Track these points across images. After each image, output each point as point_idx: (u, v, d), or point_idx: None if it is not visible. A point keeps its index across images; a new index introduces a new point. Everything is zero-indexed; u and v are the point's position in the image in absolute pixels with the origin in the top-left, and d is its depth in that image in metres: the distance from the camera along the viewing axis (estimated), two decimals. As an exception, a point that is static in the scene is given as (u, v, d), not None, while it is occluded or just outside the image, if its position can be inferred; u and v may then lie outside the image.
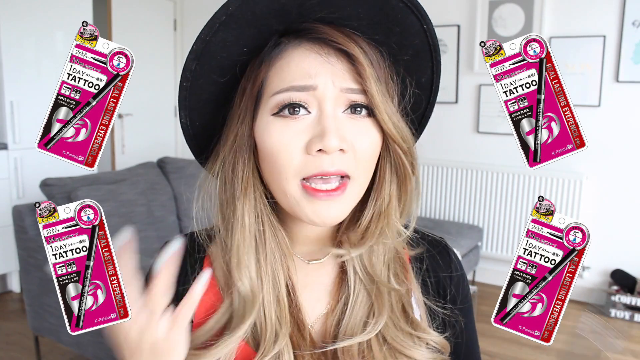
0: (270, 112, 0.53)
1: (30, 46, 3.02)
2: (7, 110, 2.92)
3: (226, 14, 0.51)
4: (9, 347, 2.45)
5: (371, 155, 0.54)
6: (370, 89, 0.52)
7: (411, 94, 0.60)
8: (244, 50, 0.55)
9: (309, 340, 0.58)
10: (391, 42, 0.56)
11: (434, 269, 0.64)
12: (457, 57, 3.28)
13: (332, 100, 0.52)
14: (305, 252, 0.61)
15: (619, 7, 2.82)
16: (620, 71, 2.84)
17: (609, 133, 2.92)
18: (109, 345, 0.54)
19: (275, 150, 0.52)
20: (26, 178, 3.01)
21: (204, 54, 0.53)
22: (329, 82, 0.52)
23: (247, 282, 0.56)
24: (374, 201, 0.57)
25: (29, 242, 2.06)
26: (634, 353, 2.50)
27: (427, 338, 0.58)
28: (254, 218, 0.56)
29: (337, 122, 0.52)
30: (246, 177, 0.56)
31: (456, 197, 3.36)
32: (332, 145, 0.50)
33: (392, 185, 0.57)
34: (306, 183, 0.52)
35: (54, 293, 0.50)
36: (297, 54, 0.53)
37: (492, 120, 3.23)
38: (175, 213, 2.52)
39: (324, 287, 0.61)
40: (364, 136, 0.53)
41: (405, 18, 0.54)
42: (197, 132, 0.60)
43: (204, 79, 0.55)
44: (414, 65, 0.59)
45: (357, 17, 0.53)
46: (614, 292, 2.87)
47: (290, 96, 0.52)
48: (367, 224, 0.57)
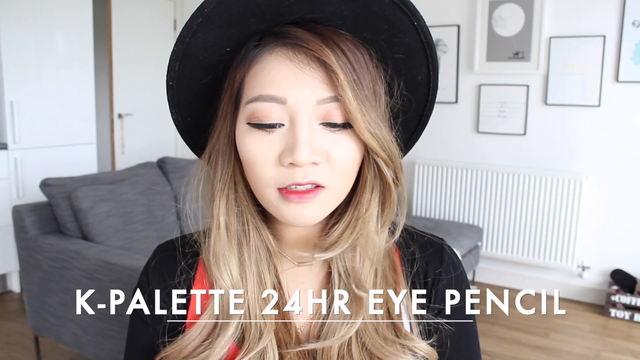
0: (245, 119, 0.53)
1: (31, 46, 3.02)
2: (7, 110, 2.92)
3: (202, 16, 0.50)
4: (9, 347, 2.45)
5: (348, 167, 0.53)
6: (344, 97, 0.50)
7: (403, 94, 0.58)
8: (226, 49, 0.54)
9: (294, 339, 0.58)
10: (380, 39, 0.54)
11: (425, 271, 0.63)
12: (457, 57, 3.28)
13: (305, 114, 0.51)
14: (295, 254, 0.61)
15: (619, 7, 2.82)
16: (620, 71, 2.84)
17: (609, 133, 2.92)
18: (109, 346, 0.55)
19: (251, 160, 0.52)
20: (26, 178, 3.01)
21: (186, 55, 0.53)
22: (301, 95, 0.50)
23: (228, 280, 0.56)
24: (354, 207, 0.57)
25: (29, 242, 2.06)
26: (634, 353, 2.50)
27: (411, 345, 0.57)
28: (234, 217, 0.57)
29: (311, 134, 0.51)
30: (225, 178, 0.56)
31: (456, 197, 3.36)
32: (303, 159, 0.49)
33: (373, 192, 0.56)
34: (282, 188, 0.52)
35: (54, 293, 0.50)
36: (270, 60, 0.52)
37: (492, 120, 3.23)
38: (175, 213, 2.52)
39: (313, 289, 0.61)
40: (340, 148, 0.52)
41: (392, 15, 0.52)
42: (189, 127, 0.61)
43: (188, 78, 0.56)
44: (408, 63, 0.57)
45: (341, 15, 0.52)
46: (614, 292, 2.87)
47: (260, 107, 0.51)
48: (343, 228, 0.57)
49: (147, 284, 0.64)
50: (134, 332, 0.65)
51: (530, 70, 3.06)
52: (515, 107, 3.15)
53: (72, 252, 1.93)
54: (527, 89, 3.10)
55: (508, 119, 3.18)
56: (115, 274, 1.79)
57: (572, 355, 2.47)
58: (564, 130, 3.04)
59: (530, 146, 3.15)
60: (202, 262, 0.62)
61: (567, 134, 3.03)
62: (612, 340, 2.63)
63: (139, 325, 0.64)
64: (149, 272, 0.64)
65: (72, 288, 1.93)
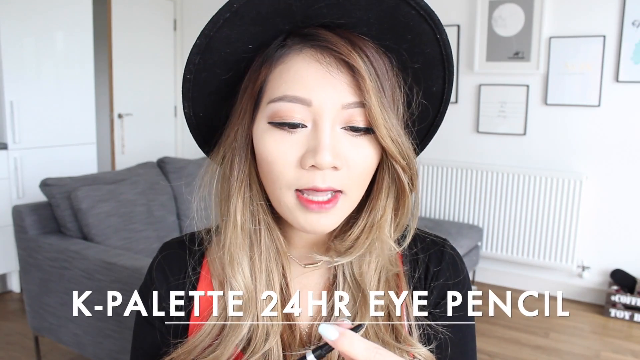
0: (267, 119, 0.53)
1: (30, 46, 3.02)
2: (7, 110, 2.92)
3: (230, 11, 0.50)
4: (9, 347, 2.45)
5: (365, 170, 0.53)
6: (369, 103, 0.50)
7: (418, 103, 0.59)
8: (248, 47, 0.54)
9: (298, 340, 0.58)
10: (401, 49, 0.55)
11: (426, 271, 0.63)
12: (457, 57, 3.28)
13: (329, 117, 0.51)
14: (301, 256, 0.61)
15: (619, 7, 2.82)
16: (620, 71, 2.84)
17: (609, 133, 2.92)
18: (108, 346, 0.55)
19: (270, 159, 0.52)
20: (26, 178, 3.01)
21: (208, 49, 0.53)
22: (327, 98, 0.51)
23: (241, 280, 0.56)
24: (368, 212, 0.57)
25: (29, 242, 2.06)
26: (634, 353, 2.50)
27: (410, 350, 0.56)
28: (248, 216, 0.57)
29: (334, 138, 0.51)
30: (241, 176, 0.56)
31: (456, 197, 3.36)
32: (325, 162, 0.49)
33: (388, 198, 0.57)
34: (300, 194, 0.52)
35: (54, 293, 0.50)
36: (297, 61, 0.52)
37: (492, 120, 3.23)
38: (175, 213, 2.52)
39: (318, 291, 0.61)
40: (360, 153, 0.52)
41: (417, 26, 0.53)
42: (200, 122, 0.61)
43: (207, 72, 0.55)
44: (425, 74, 0.58)
45: (367, 22, 0.52)
46: (614, 292, 2.87)
47: (284, 107, 0.51)
48: (358, 234, 0.57)
49: (151, 283, 0.64)
50: (139, 332, 0.65)
51: (530, 70, 3.06)
52: (515, 107, 3.15)
53: (72, 252, 1.93)
54: (527, 89, 3.10)
55: (508, 119, 3.18)
56: (115, 274, 1.79)
57: (572, 355, 2.47)
58: (564, 130, 3.04)
59: (530, 146, 3.15)
60: (207, 262, 0.62)
61: (567, 134, 3.03)
62: (612, 340, 2.63)
63: (144, 325, 0.64)
64: (153, 271, 0.64)
65: (72, 288, 1.92)
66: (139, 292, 0.64)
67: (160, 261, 0.64)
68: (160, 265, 0.64)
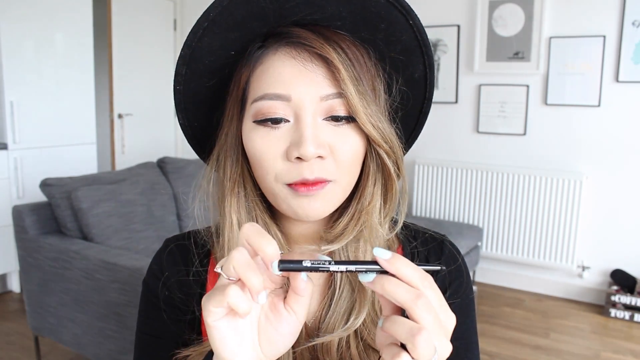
0: (252, 118, 0.55)
1: (31, 47, 3.02)
2: (7, 110, 2.92)
3: (208, 20, 0.52)
4: (9, 347, 2.45)
5: (352, 159, 0.55)
6: (347, 91, 0.52)
7: (400, 90, 0.60)
8: (230, 53, 0.56)
9: (304, 334, 0.58)
10: (377, 39, 0.56)
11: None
12: (457, 57, 3.28)
13: (309, 109, 0.52)
14: (299, 250, 0.62)
15: (619, 7, 2.82)
16: (620, 71, 2.84)
17: (609, 133, 2.92)
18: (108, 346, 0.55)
19: (258, 155, 0.54)
20: (26, 178, 3.01)
21: (192, 59, 0.55)
22: (305, 92, 0.52)
23: None
24: (357, 199, 0.58)
25: (29, 242, 2.06)
26: (633, 353, 2.50)
27: None
28: (244, 214, 0.58)
29: (316, 129, 0.52)
30: (234, 177, 0.58)
31: (456, 197, 3.36)
32: (309, 152, 0.51)
33: (376, 184, 0.58)
34: (290, 184, 0.54)
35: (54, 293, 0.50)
36: (274, 60, 0.54)
37: (492, 120, 3.23)
38: (175, 213, 2.52)
39: (317, 284, 0.62)
40: (344, 142, 0.54)
41: (388, 14, 0.54)
42: (196, 132, 0.63)
43: (194, 82, 0.57)
44: (405, 61, 0.59)
45: (340, 16, 0.54)
46: (614, 292, 2.87)
47: (266, 105, 0.53)
48: (347, 221, 0.58)
49: (159, 271, 0.65)
50: (146, 317, 0.66)
51: (530, 70, 3.06)
52: (515, 107, 3.15)
53: (72, 252, 1.93)
54: (527, 89, 3.10)
55: (508, 119, 3.18)
56: (115, 274, 1.79)
57: (572, 355, 2.47)
58: (564, 131, 3.04)
59: (530, 146, 3.15)
60: (213, 261, 0.64)
61: (567, 134, 3.03)
62: (612, 340, 2.63)
63: (151, 311, 0.65)
64: (163, 259, 0.65)
65: (72, 288, 1.93)
66: (145, 281, 0.66)
67: (170, 250, 0.66)
68: (171, 253, 0.66)
